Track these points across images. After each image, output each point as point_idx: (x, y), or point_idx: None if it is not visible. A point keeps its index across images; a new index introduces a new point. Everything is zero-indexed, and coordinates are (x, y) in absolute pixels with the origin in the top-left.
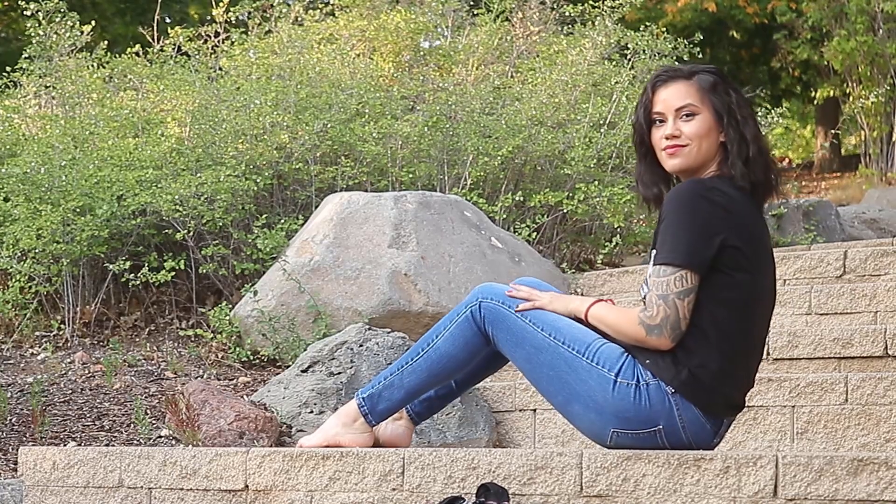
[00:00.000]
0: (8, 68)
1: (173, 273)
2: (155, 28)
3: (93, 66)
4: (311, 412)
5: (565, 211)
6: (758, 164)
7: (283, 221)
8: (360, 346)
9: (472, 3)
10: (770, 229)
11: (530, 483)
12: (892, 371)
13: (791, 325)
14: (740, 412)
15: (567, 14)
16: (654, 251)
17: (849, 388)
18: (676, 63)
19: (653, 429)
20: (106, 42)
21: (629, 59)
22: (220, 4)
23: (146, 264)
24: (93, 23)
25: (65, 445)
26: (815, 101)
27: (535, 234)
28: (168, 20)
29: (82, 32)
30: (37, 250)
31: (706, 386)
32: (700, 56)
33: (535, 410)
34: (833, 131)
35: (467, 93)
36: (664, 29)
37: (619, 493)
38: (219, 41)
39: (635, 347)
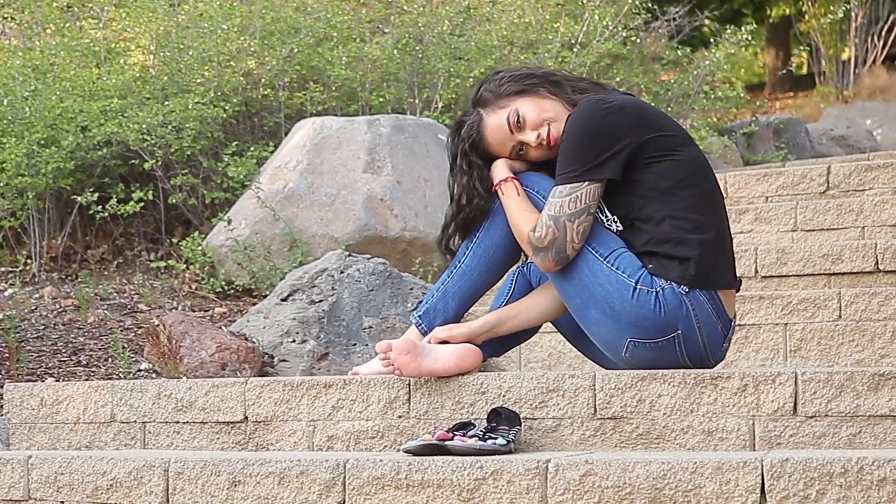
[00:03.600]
0: None
1: (142, 204)
2: None
3: None
4: (294, 341)
5: None
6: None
7: (252, 149)
8: (341, 272)
9: None
10: (740, 147)
11: (542, 406)
12: (885, 286)
13: (777, 241)
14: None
15: None
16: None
17: (842, 305)
18: None
19: (671, 335)
20: None
21: None
22: None
23: (113, 196)
24: None
25: (43, 382)
26: (771, 20)
27: None
28: None
29: None
30: (1, 184)
31: (712, 265)
32: None
33: None
34: (798, 50)
35: (435, 14)
36: None
37: (634, 414)
38: None
39: (639, 253)
